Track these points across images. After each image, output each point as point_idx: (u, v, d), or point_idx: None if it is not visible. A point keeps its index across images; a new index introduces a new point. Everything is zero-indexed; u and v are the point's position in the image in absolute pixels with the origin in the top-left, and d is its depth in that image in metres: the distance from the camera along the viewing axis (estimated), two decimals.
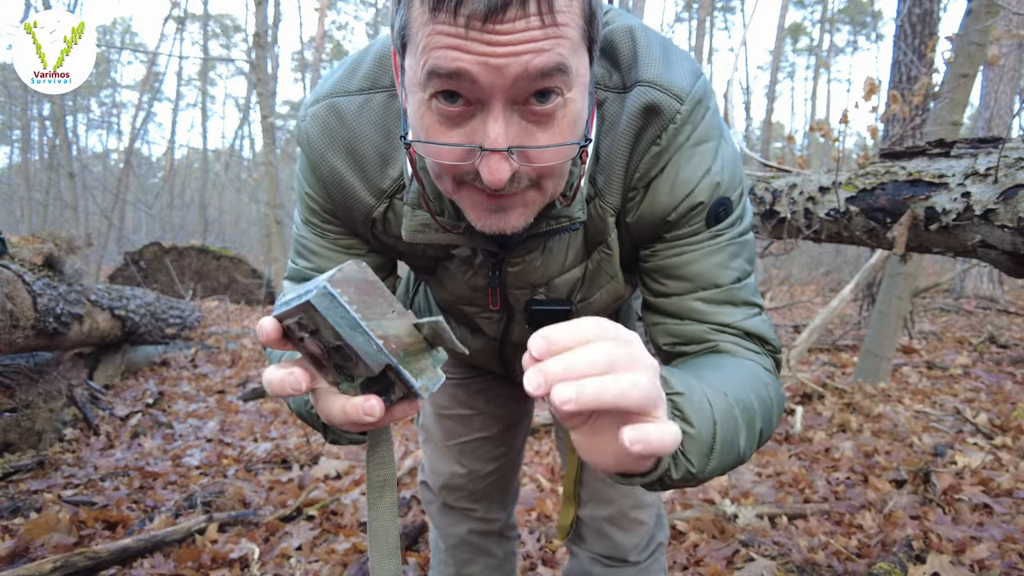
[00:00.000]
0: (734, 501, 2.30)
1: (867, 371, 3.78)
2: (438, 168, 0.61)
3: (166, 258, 9.41)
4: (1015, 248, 1.23)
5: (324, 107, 0.72)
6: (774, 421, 0.68)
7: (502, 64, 0.51)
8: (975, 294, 8.14)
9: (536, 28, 0.50)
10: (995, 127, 7.69)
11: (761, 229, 1.87)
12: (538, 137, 0.56)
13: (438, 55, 0.52)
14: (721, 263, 0.71)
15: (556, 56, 0.52)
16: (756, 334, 0.73)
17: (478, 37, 0.50)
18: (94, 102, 24.27)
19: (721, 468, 0.59)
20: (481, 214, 0.61)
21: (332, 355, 0.50)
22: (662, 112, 0.65)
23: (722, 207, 0.69)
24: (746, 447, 0.62)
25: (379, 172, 0.72)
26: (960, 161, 1.39)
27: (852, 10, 24.12)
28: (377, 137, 0.71)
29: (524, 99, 0.54)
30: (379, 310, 0.48)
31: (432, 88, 0.54)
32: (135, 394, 4.09)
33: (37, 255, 3.45)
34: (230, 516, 2.23)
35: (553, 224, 0.68)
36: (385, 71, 0.72)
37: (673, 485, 0.58)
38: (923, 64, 4.26)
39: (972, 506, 2.19)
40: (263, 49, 9.64)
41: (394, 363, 0.48)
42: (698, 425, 0.55)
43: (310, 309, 0.47)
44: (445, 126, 0.56)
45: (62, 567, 1.78)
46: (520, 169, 0.57)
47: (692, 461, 0.56)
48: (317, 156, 0.73)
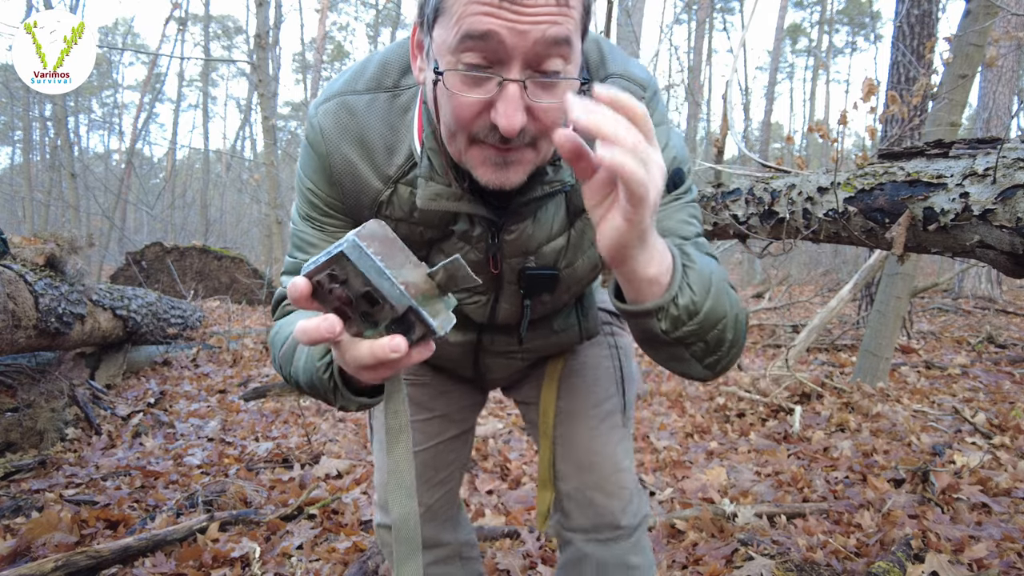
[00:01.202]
0: (733, 500, 2.31)
1: (866, 371, 3.78)
2: (456, 125, 0.69)
3: (168, 258, 9.42)
4: (1013, 248, 1.24)
5: (336, 103, 0.83)
6: (742, 322, 0.78)
7: (525, 29, 0.62)
8: (973, 294, 8.15)
9: (552, 5, 0.63)
10: (993, 128, 7.70)
11: (760, 229, 1.87)
12: (543, 100, 0.67)
13: (473, 20, 0.62)
14: (683, 220, 0.83)
15: (565, 30, 0.64)
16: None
17: (508, 7, 0.62)
18: (96, 103, 24.31)
19: (712, 315, 0.71)
20: (488, 169, 0.71)
21: (359, 303, 0.57)
22: (631, 90, 0.80)
23: (678, 175, 0.84)
24: (728, 314, 0.74)
25: (386, 160, 0.82)
26: (959, 162, 1.40)
27: (851, 11, 24.13)
28: (384, 129, 0.82)
29: (536, 65, 0.65)
30: (399, 261, 0.56)
31: (464, 54, 0.64)
32: (137, 394, 4.10)
33: (39, 255, 3.46)
34: (231, 515, 2.24)
35: (547, 188, 0.78)
36: (388, 75, 0.83)
37: (676, 317, 0.68)
38: (922, 65, 4.27)
39: (970, 505, 2.20)
40: (264, 50, 9.65)
41: (415, 305, 0.55)
42: (698, 264, 0.71)
43: (342, 259, 0.54)
44: (467, 85, 0.66)
45: (64, 566, 1.79)
46: (526, 125, 0.67)
47: (695, 290, 0.69)
48: (331, 146, 0.82)
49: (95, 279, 6.54)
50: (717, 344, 0.74)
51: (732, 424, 3.38)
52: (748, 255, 11.69)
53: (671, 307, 0.67)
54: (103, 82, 23.16)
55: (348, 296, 0.56)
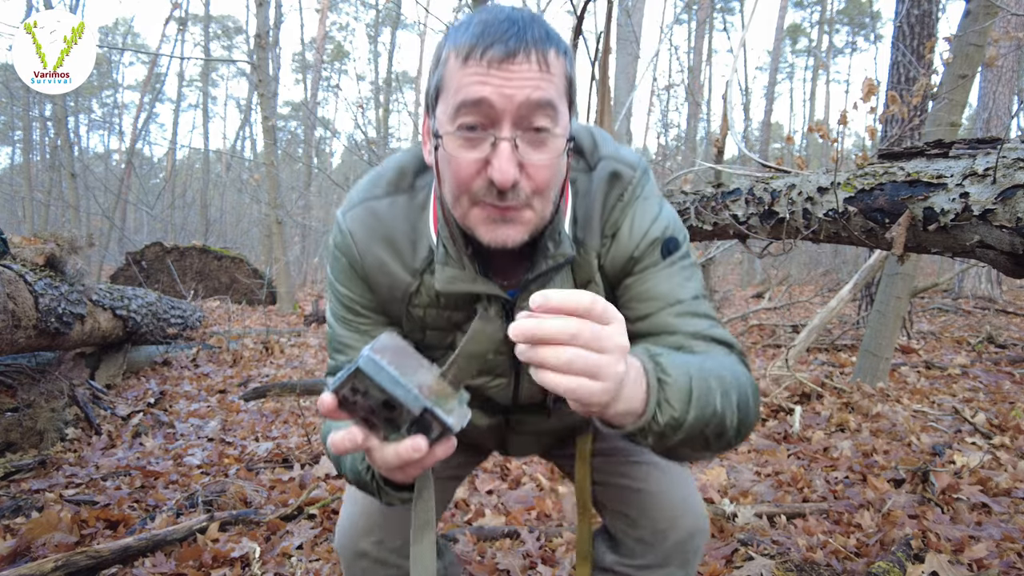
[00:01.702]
0: (733, 500, 2.31)
1: (866, 371, 3.78)
2: (457, 186, 0.76)
3: (168, 258, 9.42)
4: (1013, 248, 1.24)
5: (362, 209, 0.91)
6: (749, 398, 0.78)
7: (512, 93, 0.71)
8: (973, 294, 8.15)
9: (535, 72, 0.72)
10: (993, 128, 7.70)
11: (760, 229, 1.87)
12: (534, 157, 0.74)
13: (467, 89, 0.72)
14: (679, 283, 0.88)
15: (548, 94, 0.73)
16: (721, 340, 0.87)
17: (496, 74, 0.71)
18: (96, 103, 24.30)
19: (700, 419, 0.70)
20: (489, 228, 0.77)
21: (380, 411, 0.63)
22: (622, 176, 0.88)
23: (671, 242, 0.89)
24: (723, 407, 0.73)
25: (411, 254, 0.90)
26: (959, 162, 1.40)
27: (851, 11, 24.13)
28: (406, 227, 0.90)
29: (525, 126, 0.73)
30: (412, 366, 0.62)
31: (460, 118, 0.73)
32: (137, 394, 4.10)
33: (39, 255, 3.46)
34: (231, 515, 2.24)
35: (552, 262, 0.84)
36: (404, 178, 0.92)
37: (661, 434, 0.68)
38: (921, 65, 4.27)
39: (970, 505, 2.20)
40: (264, 50, 9.65)
41: (428, 406, 0.61)
42: (674, 374, 0.69)
43: (360, 374, 0.61)
44: (465, 148, 0.74)
45: (63, 566, 1.79)
46: (520, 181, 0.73)
47: (674, 405, 0.68)
48: (363, 248, 0.90)
49: (95, 279, 6.54)
50: (718, 435, 0.74)
51: None
52: (748, 255, 11.68)
53: (652, 425, 0.67)
54: (103, 82, 23.15)
55: (370, 406, 0.63)
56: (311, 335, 6.78)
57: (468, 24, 0.75)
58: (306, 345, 6.12)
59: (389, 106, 17.92)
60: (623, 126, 10.78)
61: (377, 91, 18.76)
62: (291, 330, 7.15)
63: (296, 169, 19.82)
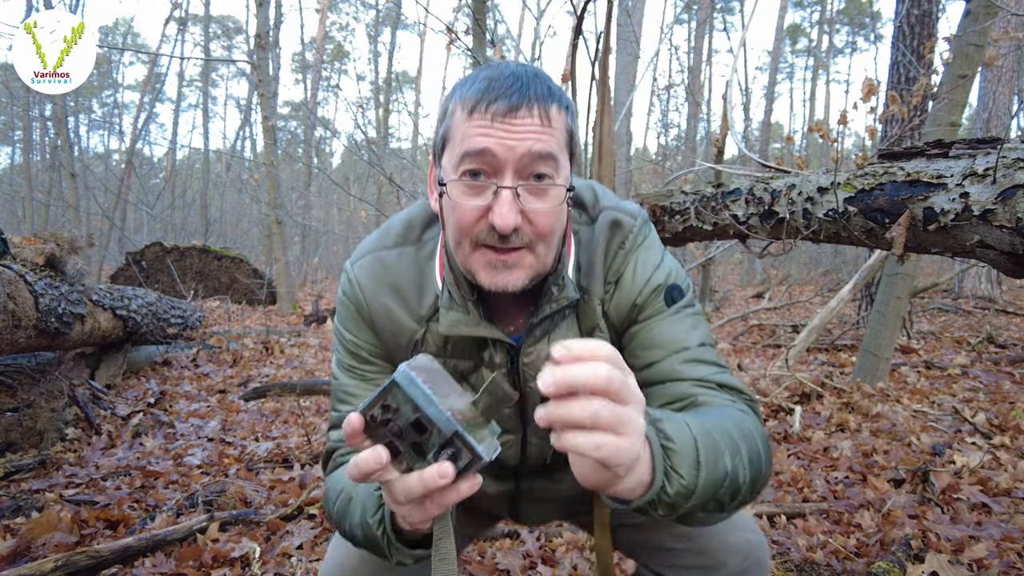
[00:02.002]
0: None
1: (866, 371, 3.78)
2: (459, 231, 0.79)
3: (168, 258, 9.42)
4: (1013, 248, 1.24)
5: (370, 259, 0.94)
6: (759, 450, 0.76)
7: (514, 144, 0.74)
8: (973, 294, 8.15)
9: (537, 125, 0.75)
10: (993, 128, 7.70)
11: (760, 229, 1.87)
12: (535, 205, 0.77)
13: (471, 140, 0.75)
14: (685, 330, 0.88)
15: (548, 146, 0.76)
16: (729, 385, 0.86)
17: (500, 126, 0.74)
18: (96, 103, 24.29)
19: (712, 483, 0.67)
20: (490, 272, 0.79)
21: (408, 433, 0.61)
22: (623, 224, 0.91)
23: (675, 291, 0.90)
24: (733, 466, 0.70)
25: (417, 302, 0.92)
26: (959, 162, 1.40)
27: (851, 11, 24.12)
28: (413, 276, 0.92)
29: (527, 175, 0.76)
30: (445, 390, 0.61)
31: (464, 166, 0.76)
32: (137, 394, 4.10)
33: (39, 255, 3.46)
34: (231, 515, 2.24)
35: (555, 306, 0.86)
36: (412, 230, 0.95)
37: (673, 504, 0.64)
38: (922, 65, 4.27)
39: (970, 505, 2.20)
40: (264, 50, 9.64)
41: (460, 430, 0.59)
42: (678, 440, 0.65)
43: (394, 387, 0.60)
44: (468, 195, 0.77)
45: (64, 566, 1.79)
46: (522, 226, 0.76)
47: (682, 474, 0.64)
48: (369, 295, 0.92)
49: (95, 279, 6.54)
50: (732, 495, 0.71)
51: None
52: (748, 255, 11.68)
53: (662, 496, 0.63)
54: (103, 82, 23.15)
55: (399, 428, 0.60)
56: (311, 335, 6.78)
57: (474, 79, 0.78)
58: (306, 345, 6.12)
59: (389, 106, 17.92)
60: (623, 126, 10.77)
61: (377, 91, 18.76)
62: (291, 330, 7.15)
63: (296, 169, 19.82)
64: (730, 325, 7.15)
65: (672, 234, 2.19)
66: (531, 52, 14.46)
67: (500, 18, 6.09)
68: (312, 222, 15.84)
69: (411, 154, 18.16)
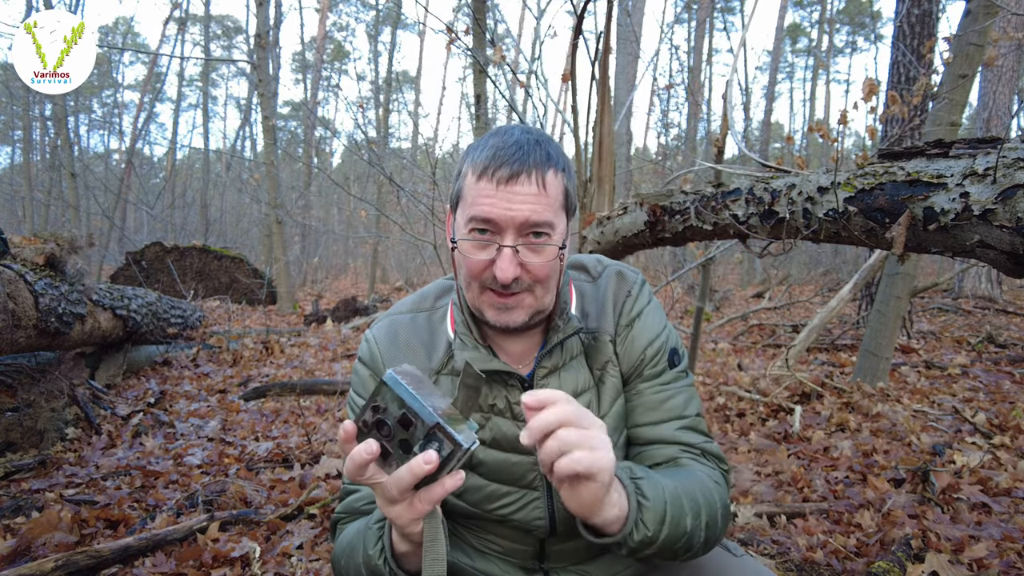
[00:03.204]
0: (733, 500, 2.31)
1: (866, 370, 3.78)
2: (470, 277, 0.91)
3: (168, 258, 9.42)
4: (1013, 248, 1.24)
5: (386, 322, 1.06)
6: (718, 518, 0.88)
7: (514, 214, 0.87)
8: (973, 294, 8.15)
9: (534, 193, 0.87)
10: (993, 127, 7.70)
11: (760, 229, 1.87)
12: (532, 259, 0.89)
13: (478, 207, 0.88)
14: (684, 401, 0.99)
15: (544, 215, 0.88)
16: (713, 453, 0.98)
17: (503, 192, 0.87)
18: (96, 102, 24.28)
19: (671, 538, 0.80)
20: (495, 312, 0.92)
21: (396, 431, 0.69)
22: (626, 275, 1.04)
23: (675, 354, 1.02)
24: (692, 528, 0.83)
25: (427, 357, 1.01)
26: (959, 161, 1.40)
27: (851, 11, 24.12)
28: (425, 335, 1.03)
29: (525, 235, 0.88)
30: (428, 391, 0.70)
31: (472, 225, 0.89)
32: (137, 393, 4.10)
33: (39, 255, 3.46)
34: (231, 515, 2.24)
35: (561, 336, 0.96)
36: (425, 300, 1.07)
37: (635, 548, 0.78)
38: (922, 65, 4.27)
39: (970, 505, 2.20)
40: (264, 50, 9.64)
41: (441, 422, 0.67)
42: (652, 498, 0.79)
43: (382, 387, 0.69)
44: (476, 249, 0.90)
45: (64, 566, 1.79)
46: (521, 275, 0.89)
47: (648, 526, 0.77)
48: (384, 350, 1.02)
49: (95, 279, 6.54)
50: (686, 550, 0.84)
51: (732, 424, 3.38)
52: (748, 255, 11.68)
53: (628, 541, 0.77)
54: (103, 82, 23.14)
55: (388, 428, 0.69)
56: (311, 335, 6.78)
57: (484, 145, 0.91)
58: (306, 345, 6.12)
59: (389, 106, 17.91)
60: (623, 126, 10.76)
61: (377, 91, 18.75)
62: (291, 330, 7.15)
63: (296, 169, 19.82)
64: (730, 325, 7.15)
65: (672, 234, 2.19)
66: (531, 52, 14.46)
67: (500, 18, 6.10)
68: (312, 222, 15.83)
69: (411, 154, 18.16)
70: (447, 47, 3.50)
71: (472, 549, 1.04)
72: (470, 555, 1.03)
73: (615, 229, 2.42)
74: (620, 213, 2.42)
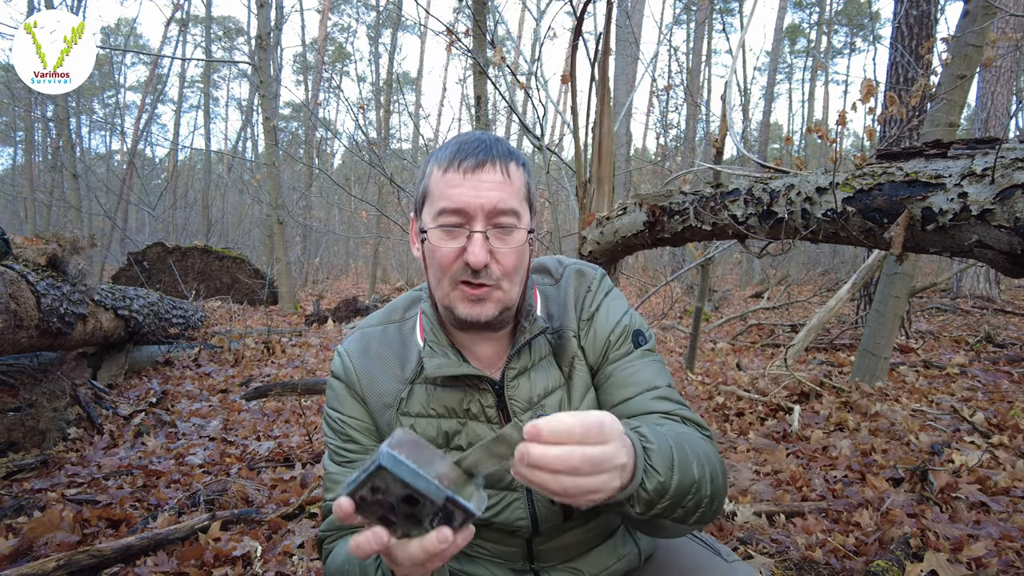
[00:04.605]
0: (732, 499, 2.32)
1: (864, 370, 3.79)
2: (439, 270, 0.91)
3: (169, 258, 9.43)
4: (1012, 248, 1.25)
5: (357, 335, 1.07)
6: (718, 473, 0.86)
7: (482, 201, 0.88)
8: (972, 294, 8.15)
9: (500, 180, 0.90)
10: (992, 128, 7.71)
11: (758, 229, 1.88)
12: (500, 246, 0.90)
13: (446, 196, 0.89)
14: (654, 373, 1.00)
15: (511, 203, 0.90)
16: (691, 419, 0.97)
17: (470, 180, 0.89)
18: (98, 104, 24.31)
19: (682, 487, 0.77)
20: (466, 304, 0.91)
21: (400, 507, 0.63)
22: (586, 273, 1.07)
23: (639, 335, 1.03)
24: (699, 476, 0.80)
25: (400, 367, 1.02)
26: (957, 162, 1.40)
27: (849, 12, 24.12)
28: (396, 346, 1.04)
29: (493, 223, 0.90)
30: (428, 458, 0.63)
31: (441, 219, 0.90)
32: (138, 393, 4.11)
33: (41, 256, 3.47)
34: (233, 514, 2.25)
35: (528, 335, 0.97)
36: (395, 312, 1.09)
37: (650, 499, 0.73)
38: (920, 65, 4.28)
39: (969, 504, 2.21)
40: (266, 51, 9.66)
41: (451, 495, 0.62)
42: (656, 442, 0.75)
43: (381, 471, 0.61)
44: (445, 240, 0.90)
45: (65, 565, 1.80)
46: (490, 264, 0.90)
47: (659, 470, 0.73)
48: (357, 363, 1.02)
49: (97, 279, 6.54)
50: (696, 506, 0.81)
51: (731, 423, 3.38)
52: (747, 255, 11.68)
53: (640, 492, 0.72)
54: (105, 83, 23.16)
55: (390, 503, 0.62)
56: (312, 335, 6.78)
57: (447, 146, 0.94)
58: (307, 345, 6.13)
59: (390, 107, 17.91)
60: (622, 126, 10.77)
61: (378, 92, 18.76)
62: (292, 330, 7.16)
63: (297, 170, 19.82)
64: (729, 325, 7.16)
65: (671, 234, 2.20)
66: (531, 53, 14.46)
67: (500, 19, 6.13)
68: (313, 222, 15.85)
69: (412, 155, 18.16)
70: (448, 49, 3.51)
71: (462, 555, 1.04)
72: (460, 560, 1.04)
73: (614, 229, 2.43)
74: (619, 213, 2.42)
